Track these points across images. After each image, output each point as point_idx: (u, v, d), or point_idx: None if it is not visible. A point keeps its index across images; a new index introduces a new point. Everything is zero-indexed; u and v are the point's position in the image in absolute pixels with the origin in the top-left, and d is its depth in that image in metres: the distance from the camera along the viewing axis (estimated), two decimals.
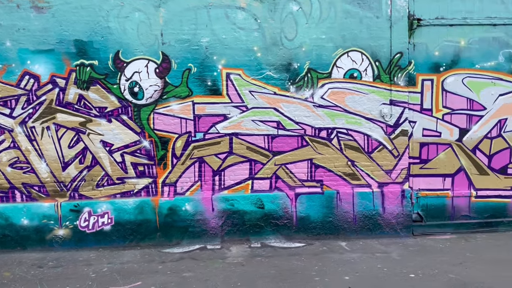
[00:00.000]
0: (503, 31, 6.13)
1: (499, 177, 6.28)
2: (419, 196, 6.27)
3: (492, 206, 6.29)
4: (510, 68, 6.15)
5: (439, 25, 6.09)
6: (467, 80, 6.16)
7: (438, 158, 6.25)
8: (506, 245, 5.68)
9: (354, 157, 6.11)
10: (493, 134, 6.24)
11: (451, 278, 4.60)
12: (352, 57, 6.01)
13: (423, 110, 6.20)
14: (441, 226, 6.27)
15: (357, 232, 6.10)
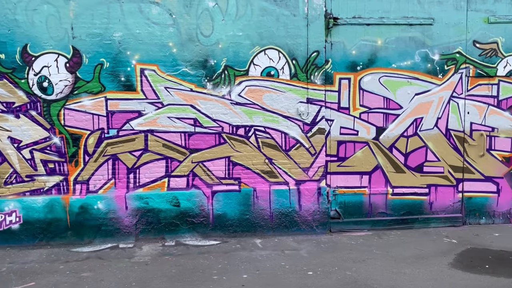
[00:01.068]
0: (420, 31, 6.22)
1: (415, 175, 6.41)
2: (337, 193, 6.33)
3: (408, 203, 6.42)
4: (426, 67, 6.26)
5: (356, 24, 6.14)
6: (384, 79, 6.24)
7: (356, 156, 6.33)
8: (417, 242, 5.80)
9: (272, 155, 6.12)
10: (409, 133, 6.35)
11: (347, 275, 4.67)
12: (269, 55, 5.99)
13: (340, 109, 6.25)
14: (358, 223, 6.36)
15: (274, 230, 6.12)
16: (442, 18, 6.22)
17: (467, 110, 6.37)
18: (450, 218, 6.45)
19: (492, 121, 6.39)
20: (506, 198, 6.49)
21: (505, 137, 6.43)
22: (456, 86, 6.32)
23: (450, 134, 6.38)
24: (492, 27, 6.27)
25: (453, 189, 6.45)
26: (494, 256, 5.18)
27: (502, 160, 6.46)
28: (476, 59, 6.29)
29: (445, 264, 4.96)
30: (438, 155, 6.39)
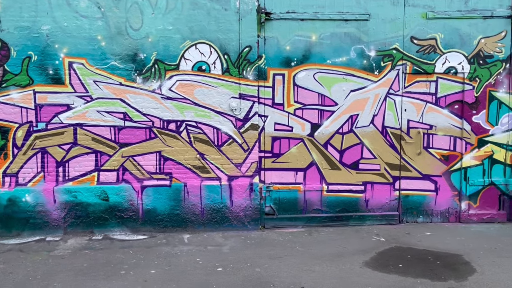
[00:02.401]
0: (355, 26, 6.14)
1: (350, 172, 6.36)
2: (272, 189, 6.30)
3: (344, 200, 6.38)
4: (362, 64, 6.19)
5: (290, 20, 6.07)
6: (319, 76, 6.18)
7: (290, 152, 6.28)
8: (344, 239, 5.76)
9: (204, 150, 6.09)
10: (345, 130, 6.29)
11: (255, 272, 4.65)
12: (200, 50, 5.95)
13: (274, 105, 6.20)
14: (292, 220, 6.33)
15: (205, 225, 6.11)
16: (379, 13, 6.13)
17: (404, 107, 6.29)
18: (386, 216, 6.40)
19: (430, 118, 6.31)
20: (445, 197, 6.42)
21: (443, 135, 6.35)
22: (393, 83, 6.24)
23: (387, 131, 6.31)
24: (431, 22, 6.16)
25: (390, 187, 6.40)
26: (414, 256, 5.13)
27: (441, 158, 6.38)
28: (413, 55, 6.20)
29: (360, 262, 4.92)
30: (374, 152, 6.33)
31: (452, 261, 4.93)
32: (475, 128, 6.32)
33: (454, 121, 6.32)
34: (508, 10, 6.16)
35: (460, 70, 6.23)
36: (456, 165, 6.39)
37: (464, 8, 6.15)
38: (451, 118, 6.31)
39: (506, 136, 6.35)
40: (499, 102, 6.30)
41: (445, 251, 5.26)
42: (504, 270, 4.63)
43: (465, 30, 6.18)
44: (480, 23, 6.18)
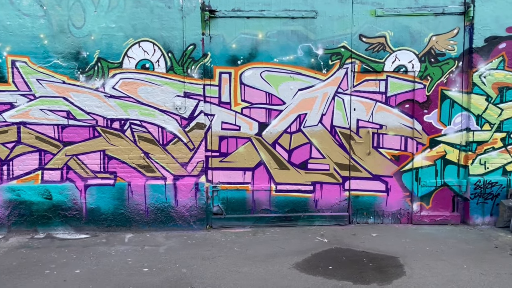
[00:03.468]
0: (302, 24, 6.05)
1: (299, 172, 6.27)
2: (219, 189, 6.24)
3: (293, 200, 6.29)
4: (310, 62, 6.09)
5: (235, 17, 6.00)
6: (266, 74, 6.10)
7: (238, 152, 6.21)
8: (286, 240, 5.67)
9: (149, 149, 6.05)
10: (293, 129, 6.20)
11: (181, 273, 4.60)
12: (143, 48, 5.90)
13: (221, 103, 6.14)
14: (241, 220, 6.26)
15: (150, 225, 6.07)
16: (326, 11, 6.02)
17: (353, 107, 6.18)
18: (336, 216, 6.30)
19: (380, 118, 6.20)
20: (396, 198, 6.31)
21: (394, 135, 6.23)
22: (341, 81, 6.13)
23: (336, 131, 6.21)
24: (380, 20, 6.04)
25: (339, 187, 6.29)
26: (350, 257, 5.03)
27: (391, 158, 6.26)
28: (362, 53, 6.09)
29: (291, 264, 4.84)
30: (323, 152, 6.23)
31: (386, 263, 4.83)
32: (426, 128, 6.19)
33: (404, 121, 6.20)
34: (460, 7, 6.02)
35: (411, 68, 6.10)
36: (407, 165, 6.26)
37: (414, 5, 6.02)
38: (402, 117, 6.19)
39: (459, 136, 6.21)
40: (451, 101, 6.16)
41: (383, 253, 5.16)
42: (434, 274, 4.51)
43: (416, 27, 6.05)
44: (431, 20, 6.04)
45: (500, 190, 6.14)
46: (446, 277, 4.43)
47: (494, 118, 6.11)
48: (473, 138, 6.13)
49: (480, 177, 6.16)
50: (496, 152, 6.16)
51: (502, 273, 4.51)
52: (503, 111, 6.09)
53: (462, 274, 4.51)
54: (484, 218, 6.20)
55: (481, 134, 6.13)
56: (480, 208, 6.18)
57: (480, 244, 5.44)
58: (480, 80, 6.04)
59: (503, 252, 5.15)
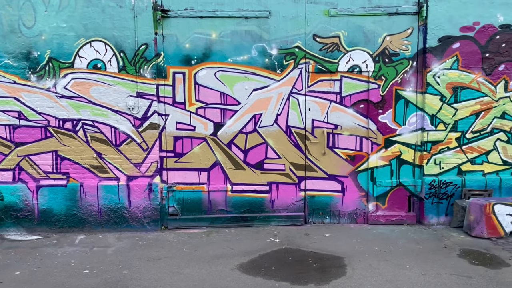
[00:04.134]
0: (256, 24, 6.03)
1: (255, 172, 6.25)
2: (175, 190, 6.21)
3: (249, 201, 6.27)
4: (264, 62, 6.07)
5: (188, 17, 5.97)
6: (220, 74, 6.07)
7: (193, 152, 6.19)
8: (238, 241, 5.65)
9: (102, 150, 6.01)
10: (248, 129, 6.18)
11: (122, 274, 4.56)
12: (95, 47, 5.86)
13: (175, 103, 6.11)
14: (196, 220, 6.24)
15: (103, 226, 6.03)
16: (279, 11, 6.01)
17: (308, 107, 6.17)
18: (292, 216, 6.28)
19: (335, 118, 6.19)
20: (352, 198, 6.30)
21: (349, 135, 6.22)
22: (296, 81, 6.12)
23: (291, 131, 6.20)
24: (333, 20, 6.04)
25: (295, 187, 6.28)
26: (296, 258, 5.02)
27: (347, 158, 6.26)
28: (316, 54, 6.08)
29: (235, 264, 4.82)
30: (278, 152, 6.22)
31: (330, 264, 4.82)
32: (381, 128, 6.19)
33: (359, 121, 6.19)
34: (414, 6, 6.02)
35: (365, 68, 6.09)
36: (362, 165, 6.26)
37: (368, 5, 6.02)
38: (357, 117, 6.19)
39: (414, 136, 6.21)
40: (406, 101, 6.17)
41: (331, 253, 5.15)
42: (374, 274, 4.51)
43: (370, 27, 6.05)
44: (385, 20, 6.04)
45: (455, 190, 6.15)
46: (385, 277, 4.42)
47: (449, 118, 6.11)
48: (428, 138, 6.14)
49: (435, 177, 6.17)
50: (451, 152, 6.17)
51: (442, 273, 4.51)
52: (458, 111, 6.10)
53: (402, 274, 4.51)
54: (439, 218, 6.20)
55: (435, 134, 6.14)
56: (435, 208, 6.18)
57: (430, 244, 5.44)
58: (434, 80, 6.04)
59: (450, 252, 5.16)
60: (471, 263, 4.81)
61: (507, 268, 4.63)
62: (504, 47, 5.99)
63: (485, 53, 5.99)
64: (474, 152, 6.17)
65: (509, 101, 6.08)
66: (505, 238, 5.56)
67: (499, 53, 6.00)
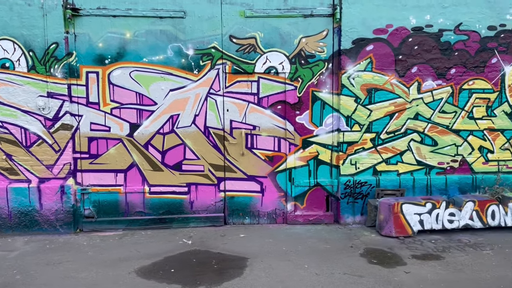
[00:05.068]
0: (171, 24, 5.98)
1: (174, 173, 6.21)
2: (90, 192, 6.10)
3: (167, 202, 6.22)
4: (181, 62, 6.03)
5: (101, 16, 5.87)
6: (135, 74, 5.99)
7: (109, 153, 6.09)
8: (150, 243, 5.59)
9: (12, 151, 5.84)
10: (166, 130, 6.13)
11: (13, 279, 4.45)
12: (3, 46, 5.69)
13: (89, 104, 6.00)
14: (113, 223, 6.15)
15: (13, 229, 5.87)
16: (195, 11, 5.97)
17: (226, 108, 6.16)
18: (211, 217, 6.27)
19: (253, 119, 6.20)
20: (271, 198, 6.34)
21: (267, 136, 6.25)
22: (213, 82, 6.10)
23: (209, 131, 6.18)
24: (250, 21, 6.04)
25: (215, 188, 6.27)
26: (201, 260, 5.00)
27: (265, 159, 6.29)
28: (233, 54, 6.08)
29: (135, 267, 4.76)
30: (197, 153, 6.19)
31: (232, 265, 4.82)
32: (299, 129, 6.24)
33: (277, 122, 6.23)
34: (328, 9, 6.09)
35: (281, 70, 6.13)
36: (281, 166, 6.30)
37: (284, 6, 6.05)
38: (274, 118, 6.22)
39: (331, 137, 6.29)
40: (322, 102, 6.24)
41: (237, 254, 5.15)
42: (269, 275, 4.53)
43: (286, 29, 6.08)
44: (300, 22, 6.09)
45: (370, 190, 6.27)
46: (279, 278, 4.46)
47: (364, 119, 6.22)
48: (344, 138, 6.23)
49: (351, 177, 6.26)
50: (366, 152, 6.28)
51: (336, 273, 4.57)
52: (372, 112, 6.21)
53: (297, 274, 4.55)
54: (354, 217, 6.31)
55: (351, 134, 6.23)
56: (351, 208, 6.29)
57: (338, 244, 5.52)
58: (349, 81, 6.13)
59: (354, 251, 5.24)
60: (370, 262, 4.90)
61: (401, 267, 4.73)
62: (417, 49, 6.13)
63: (398, 55, 6.12)
64: (388, 152, 6.30)
65: (422, 103, 6.23)
66: (412, 237, 5.70)
67: (411, 55, 6.14)
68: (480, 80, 6.22)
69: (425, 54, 6.13)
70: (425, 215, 5.72)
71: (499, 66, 6.20)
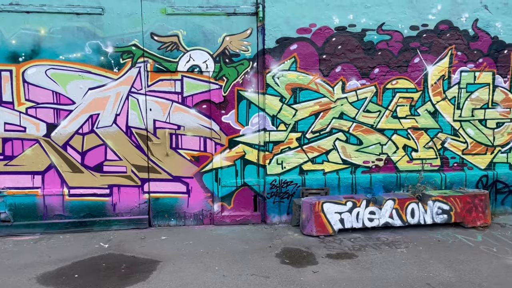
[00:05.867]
0: (89, 20, 5.79)
1: (94, 175, 6.02)
2: (6, 195, 5.85)
3: (89, 205, 6.04)
4: (100, 60, 5.85)
5: (14, 12, 5.63)
6: (52, 72, 5.78)
7: (25, 155, 5.86)
8: (65, 248, 5.39)
9: None
10: (85, 130, 5.94)
11: None
12: None
13: (3, 103, 5.75)
14: (31, 226, 5.92)
15: None
16: (113, 7, 5.81)
17: (149, 107, 6.02)
18: (135, 220, 6.12)
19: (177, 118, 6.08)
20: (197, 199, 6.24)
21: (192, 136, 6.14)
22: (135, 81, 5.95)
23: (132, 131, 6.02)
24: (171, 18, 5.92)
25: (138, 189, 6.12)
26: (111, 264, 4.85)
27: (191, 159, 6.18)
28: (155, 52, 5.94)
29: (38, 273, 4.57)
30: (119, 154, 6.03)
31: (140, 269, 4.69)
32: (225, 128, 6.17)
33: (203, 121, 6.13)
34: (252, 7, 6.03)
35: (205, 68, 6.03)
36: (207, 166, 6.21)
37: (206, 4, 5.95)
38: (200, 118, 6.12)
39: (257, 136, 6.24)
40: (248, 101, 6.18)
41: (150, 257, 5.03)
42: (175, 278, 4.43)
43: (209, 27, 5.99)
44: (224, 20, 6.01)
45: (296, 189, 6.25)
46: (183, 281, 4.36)
47: (289, 118, 6.20)
48: (270, 138, 6.19)
49: (277, 176, 6.23)
50: (293, 151, 6.26)
51: (244, 274, 4.52)
52: (297, 111, 6.20)
53: (204, 276, 4.47)
54: (281, 217, 6.28)
55: (277, 134, 6.20)
56: (277, 207, 6.26)
57: (258, 244, 5.47)
58: (274, 81, 6.09)
59: (271, 252, 5.19)
60: (282, 262, 4.86)
61: (312, 267, 4.71)
62: (340, 49, 6.15)
63: (322, 54, 6.13)
64: (314, 151, 6.30)
65: (346, 102, 6.26)
66: (333, 236, 5.71)
67: (335, 55, 6.15)
68: (404, 80, 6.30)
69: (348, 53, 6.16)
70: (345, 214, 5.75)
71: (421, 65, 6.30)
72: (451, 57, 6.32)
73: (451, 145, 6.49)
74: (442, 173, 6.48)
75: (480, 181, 6.51)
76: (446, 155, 6.50)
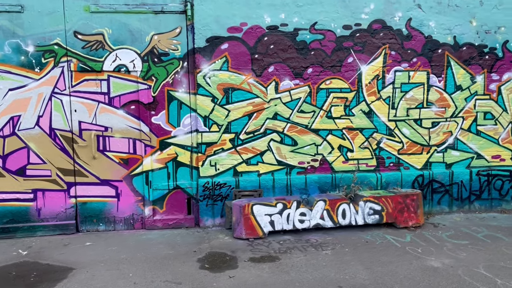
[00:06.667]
0: (8, 18, 5.55)
1: (17, 179, 5.78)
2: None
3: (11, 210, 5.79)
4: (20, 60, 5.62)
5: None
6: None
7: None
8: None
9: None
10: (6, 133, 5.70)
11: None
12: None
13: None
14: None
15: None
16: (34, 5, 5.59)
17: (73, 108, 5.81)
18: (61, 225, 5.89)
19: (104, 120, 5.89)
20: (127, 203, 6.05)
21: (121, 137, 5.95)
22: (58, 81, 5.73)
23: (56, 134, 5.80)
24: (96, 17, 5.73)
25: (64, 194, 5.90)
26: (21, 272, 4.62)
27: (120, 162, 5.99)
28: (79, 51, 5.74)
29: None
30: (43, 157, 5.80)
31: (50, 277, 4.49)
32: (155, 130, 6.00)
33: (131, 123, 5.95)
34: (180, 5, 5.88)
35: (132, 68, 5.86)
36: (137, 169, 6.03)
37: (132, 2, 5.78)
38: (128, 119, 5.94)
39: (189, 138, 6.09)
40: (179, 102, 6.02)
41: (65, 265, 4.82)
42: (84, 286, 4.25)
43: (136, 25, 5.82)
44: (151, 18, 5.85)
45: (229, 191, 6.13)
46: None
47: (222, 119, 6.07)
48: (202, 139, 6.05)
49: (210, 178, 6.10)
50: (226, 153, 6.13)
51: (157, 281, 4.36)
52: (230, 112, 6.07)
53: (114, 285, 4.29)
54: (214, 219, 6.15)
55: (209, 135, 6.07)
56: (210, 210, 6.12)
57: (184, 249, 5.32)
58: (205, 81, 5.96)
59: (194, 256, 5.04)
60: (202, 267, 4.72)
61: (230, 271, 4.58)
62: (273, 48, 6.06)
63: (254, 54, 6.02)
64: (249, 153, 6.19)
65: (280, 102, 6.17)
66: (262, 239, 5.60)
67: (268, 54, 6.05)
68: (337, 80, 6.25)
69: (281, 53, 6.07)
70: (276, 216, 5.65)
71: (355, 65, 6.26)
72: (385, 56, 6.30)
73: (386, 145, 6.47)
74: (378, 173, 6.46)
75: (416, 181, 6.51)
76: (382, 155, 6.48)
